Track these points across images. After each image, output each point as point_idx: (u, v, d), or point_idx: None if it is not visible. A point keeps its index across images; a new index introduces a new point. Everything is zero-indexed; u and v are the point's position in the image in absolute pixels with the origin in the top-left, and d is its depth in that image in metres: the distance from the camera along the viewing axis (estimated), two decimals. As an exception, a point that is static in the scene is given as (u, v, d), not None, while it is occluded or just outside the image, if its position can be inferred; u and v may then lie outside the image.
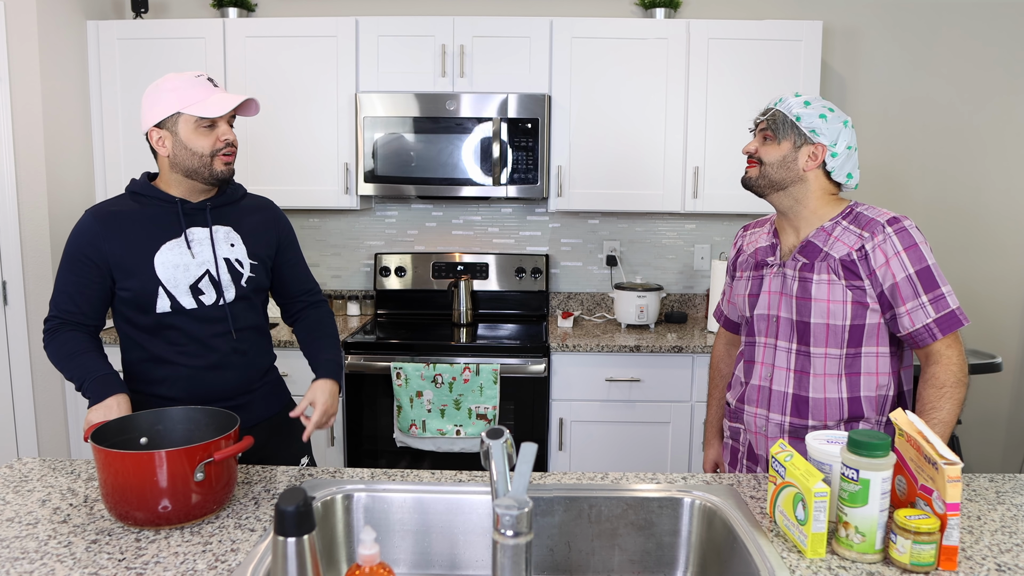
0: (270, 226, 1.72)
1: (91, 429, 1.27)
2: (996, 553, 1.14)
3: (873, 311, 1.48)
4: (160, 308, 1.55)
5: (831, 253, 1.51)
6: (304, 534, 0.87)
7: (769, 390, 1.59)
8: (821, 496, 1.09)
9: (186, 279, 1.57)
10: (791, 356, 1.56)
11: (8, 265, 2.73)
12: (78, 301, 1.56)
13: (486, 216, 3.37)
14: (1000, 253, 3.35)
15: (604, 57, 2.91)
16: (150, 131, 1.54)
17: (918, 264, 1.45)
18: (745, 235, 1.75)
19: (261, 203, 1.74)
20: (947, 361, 1.45)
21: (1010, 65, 3.24)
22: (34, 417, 2.79)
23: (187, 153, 1.53)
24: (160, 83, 1.54)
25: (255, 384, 1.69)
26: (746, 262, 1.69)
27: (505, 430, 1.06)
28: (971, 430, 3.42)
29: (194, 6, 3.30)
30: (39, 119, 2.74)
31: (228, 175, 1.58)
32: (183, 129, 1.52)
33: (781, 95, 1.62)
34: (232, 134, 1.56)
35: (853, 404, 1.52)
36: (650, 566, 1.34)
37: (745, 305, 1.66)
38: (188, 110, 1.50)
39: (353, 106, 2.94)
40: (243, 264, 1.64)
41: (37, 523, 1.21)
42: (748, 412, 1.64)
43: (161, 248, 1.56)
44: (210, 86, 1.54)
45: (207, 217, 1.60)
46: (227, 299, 1.61)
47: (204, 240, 1.59)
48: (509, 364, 2.73)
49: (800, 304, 1.53)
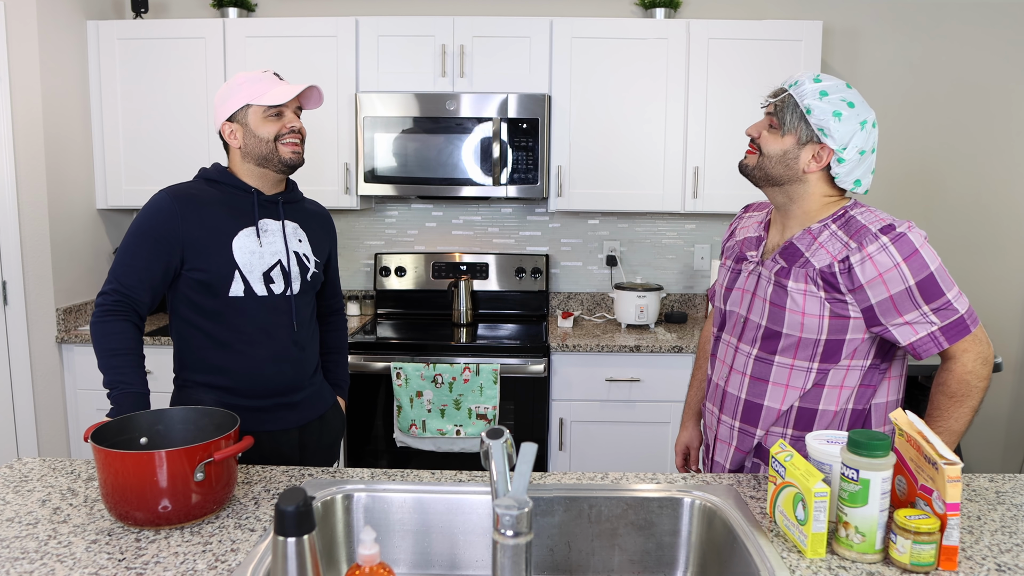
0: (327, 231, 1.82)
1: (91, 429, 1.27)
2: (996, 553, 1.14)
3: (856, 326, 1.37)
4: (233, 292, 1.59)
5: (811, 260, 1.38)
6: (304, 534, 0.87)
7: (724, 391, 1.53)
8: (821, 496, 1.09)
9: (260, 266, 1.62)
10: (749, 361, 1.47)
11: (8, 265, 2.73)
12: (143, 277, 1.56)
13: (486, 216, 3.37)
14: (1000, 253, 3.35)
15: (604, 57, 2.91)
16: (222, 126, 1.62)
17: (919, 273, 1.31)
18: (743, 218, 1.64)
19: (318, 208, 1.83)
20: (959, 367, 1.35)
21: (1010, 65, 3.24)
22: (34, 417, 2.79)
23: (256, 140, 1.61)
24: (230, 82, 1.63)
25: (306, 382, 1.74)
26: (732, 249, 1.59)
27: (505, 430, 1.06)
28: (971, 430, 3.42)
29: (194, 6, 3.30)
30: (39, 119, 2.74)
31: (296, 161, 1.65)
32: (252, 119, 1.60)
33: (798, 76, 1.40)
34: (298, 122, 1.64)
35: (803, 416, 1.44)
36: (650, 566, 1.34)
37: (719, 297, 1.59)
38: (255, 101, 1.59)
39: (353, 106, 2.94)
40: (309, 259, 1.72)
41: (37, 523, 1.21)
42: (708, 410, 1.62)
43: (239, 233, 1.60)
44: (275, 79, 1.63)
45: (280, 210, 1.68)
46: (294, 291, 1.67)
47: (276, 231, 1.66)
48: (509, 364, 2.73)
49: (773, 311, 1.42)
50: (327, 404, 1.81)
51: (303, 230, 1.72)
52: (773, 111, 1.41)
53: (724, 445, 1.55)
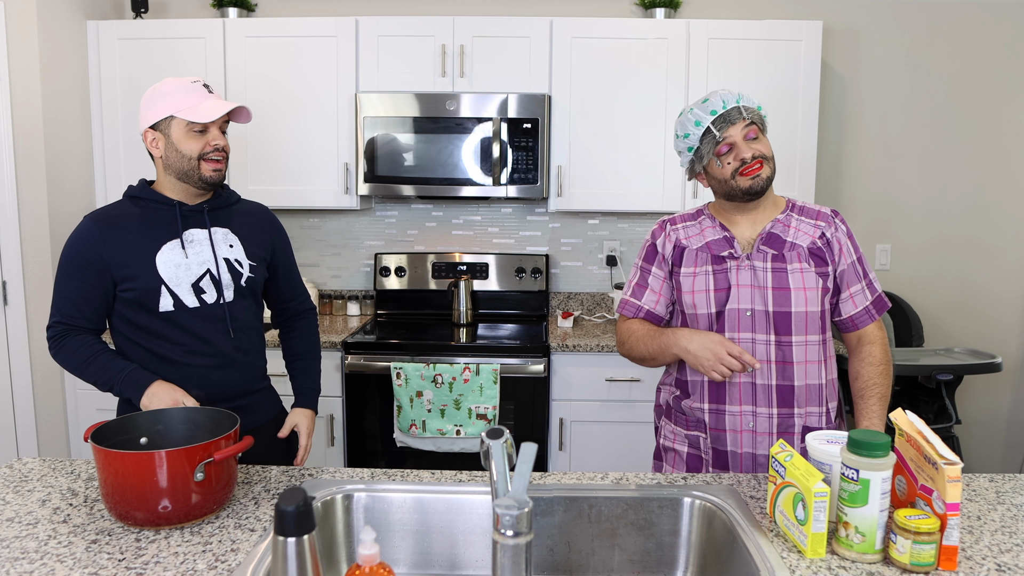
0: (265, 228, 1.76)
1: (91, 429, 1.27)
2: (996, 553, 1.14)
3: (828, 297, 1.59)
4: (163, 307, 1.58)
5: (797, 243, 1.57)
6: (304, 534, 0.87)
7: (753, 385, 1.57)
8: (821, 496, 1.09)
9: (188, 278, 1.60)
10: (770, 348, 1.56)
11: (8, 265, 2.73)
12: (81, 306, 1.57)
13: (486, 216, 3.37)
14: (1000, 253, 3.35)
15: (604, 57, 2.91)
16: (145, 132, 1.59)
17: (858, 251, 1.61)
18: (677, 229, 1.67)
19: (255, 207, 1.79)
20: (880, 341, 1.61)
21: (1010, 65, 3.24)
22: (34, 417, 2.79)
23: (177, 155, 1.57)
24: (157, 87, 1.58)
25: (255, 386, 1.73)
26: (694, 257, 1.62)
27: (505, 430, 1.06)
28: (971, 430, 3.42)
29: (194, 6, 3.30)
30: (39, 119, 2.74)
31: (216, 180, 1.61)
32: (175, 132, 1.56)
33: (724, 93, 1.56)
34: (223, 139, 1.60)
35: (829, 388, 1.61)
36: (650, 566, 1.34)
37: (710, 301, 1.59)
38: (180, 114, 1.55)
39: (353, 106, 2.94)
40: (243, 264, 1.68)
41: (37, 523, 1.21)
42: (731, 412, 1.59)
43: (162, 248, 1.58)
44: (205, 92, 1.58)
45: (205, 219, 1.64)
46: (227, 298, 1.64)
47: (203, 241, 1.63)
48: (509, 364, 2.73)
49: (777, 295, 1.55)
50: (276, 409, 1.80)
51: (235, 235, 1.68)
52: (754, 120, 1.56)
53: (766, 437, 1.59)
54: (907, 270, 3.36)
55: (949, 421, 2.85)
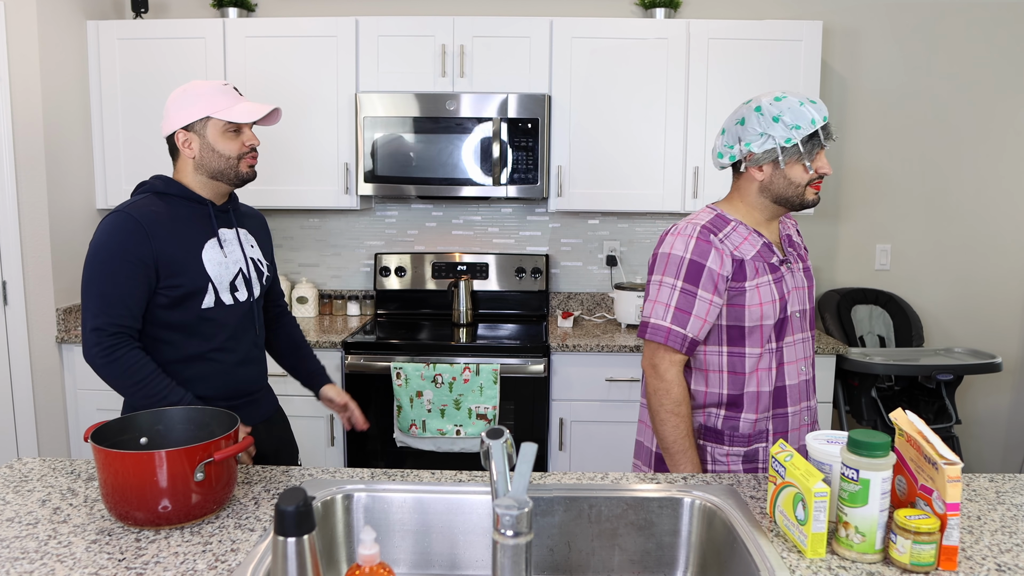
0: (265, 230, 1.84)
1: (91, 429, 1.27)
2: (996, 553, 1.14)
3: None
4: (205, 304, 1.59)
5: (797, 242, 1.71)
6: (304, 534, 0.87)
7: (803, 382, 1.66)
8: (821, 496, 1.09)
9: (227, 276, 1.62)
10: (808, 344, 1.68)
11: (8, 265, 2.73)
12: (131, 305, 1.50)
13: (486, 216, 3.37)
14: (1000, 253, 3.35)
15: (604, 57, 2.91)
16: (177, 133, 1.58)
17: None
18: (725, 242, 1.55)
19: (253, 210, 1.84)
20: None
21: (1010, 65, 3.24)
22: (34, 417, 2.79)
23: (214, 155, 1.58)
24: (188, 87, 1.58)
25: (264, 380, 1.79)
26: (753, 268, 1.55)
27: (505, 430, 1.06)
28: (971, 430, 3.42)
29: (194, 6, 3.30)
30: (39, 119, 2.74)
31: (252, 176, 1.65)
32: (211, 132, 1.57)
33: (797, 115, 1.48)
34: (256, 139, 1.63)
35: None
36: (650, 566, 1.34)
37: (776, 310, 1.56)
38: (218, 115, 1.56)
39: (353, 106, 2.94)
40: (263, 264, 1.74)
41: (37, 523, 1.21)
42: (792, 412, 1.61)
43: (205, 246, 1.60)
44: (236, 94, 1.61)
45: (232, 219, 1.68)
46: (255, 296, 1.69)
47: (234, 240, 1.66)
48: (509, 364, 2.73)
49: (810, 293, 1.69)
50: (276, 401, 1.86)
51: (252, 236, 1.73)
52: None
53: (807, 429, 1.68)
54: (907, 270, 3.36)
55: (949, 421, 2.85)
